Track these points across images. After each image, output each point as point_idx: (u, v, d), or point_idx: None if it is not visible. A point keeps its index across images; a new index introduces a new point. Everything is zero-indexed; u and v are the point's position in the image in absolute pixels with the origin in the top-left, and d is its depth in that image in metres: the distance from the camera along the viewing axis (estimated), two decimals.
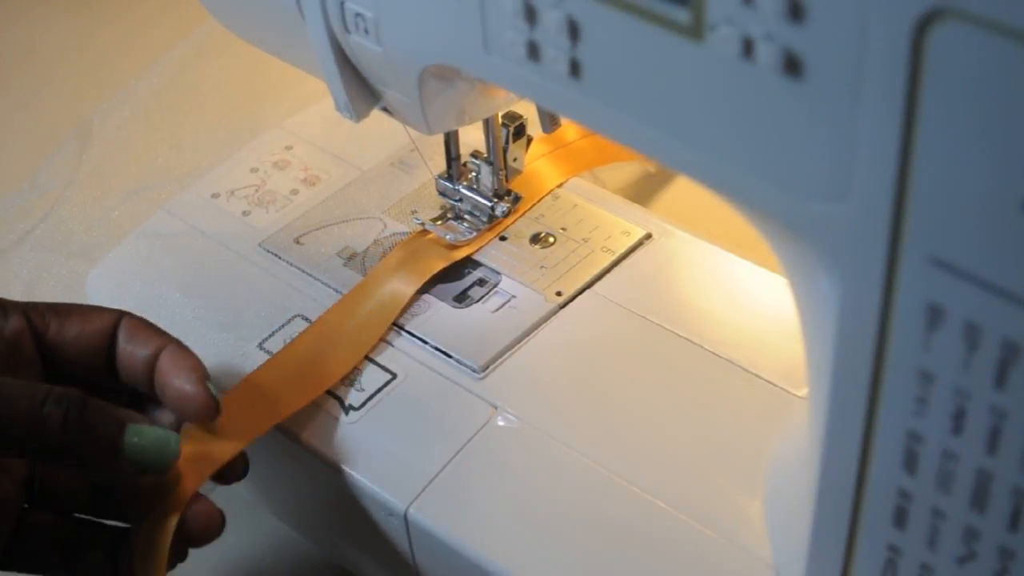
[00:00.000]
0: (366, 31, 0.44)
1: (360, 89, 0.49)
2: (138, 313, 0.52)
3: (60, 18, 0.99)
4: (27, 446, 0.45)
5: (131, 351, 0.51)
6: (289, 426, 0.53)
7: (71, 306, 0.52)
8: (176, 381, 0.50)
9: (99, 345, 0.51)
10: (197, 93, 0.88)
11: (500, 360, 0.54)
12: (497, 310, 0.56)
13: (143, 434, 0.46)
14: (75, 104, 0.88)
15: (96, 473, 0.49)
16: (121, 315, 0.52)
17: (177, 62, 0.91)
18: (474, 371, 0.53)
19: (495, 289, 0.57)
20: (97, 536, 0.51)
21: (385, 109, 0.50)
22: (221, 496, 0.64)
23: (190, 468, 0.49)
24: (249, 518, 0.62)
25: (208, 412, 0.50)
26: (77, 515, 0.51)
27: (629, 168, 0.73)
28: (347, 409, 0.53)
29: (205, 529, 0.50)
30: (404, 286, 0.57)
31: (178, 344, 0.51)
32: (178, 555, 0.49)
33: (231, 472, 0.51)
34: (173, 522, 0.48)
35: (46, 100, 0.91)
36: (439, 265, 0.57)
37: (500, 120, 0.57)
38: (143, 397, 0.52)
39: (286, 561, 0.62)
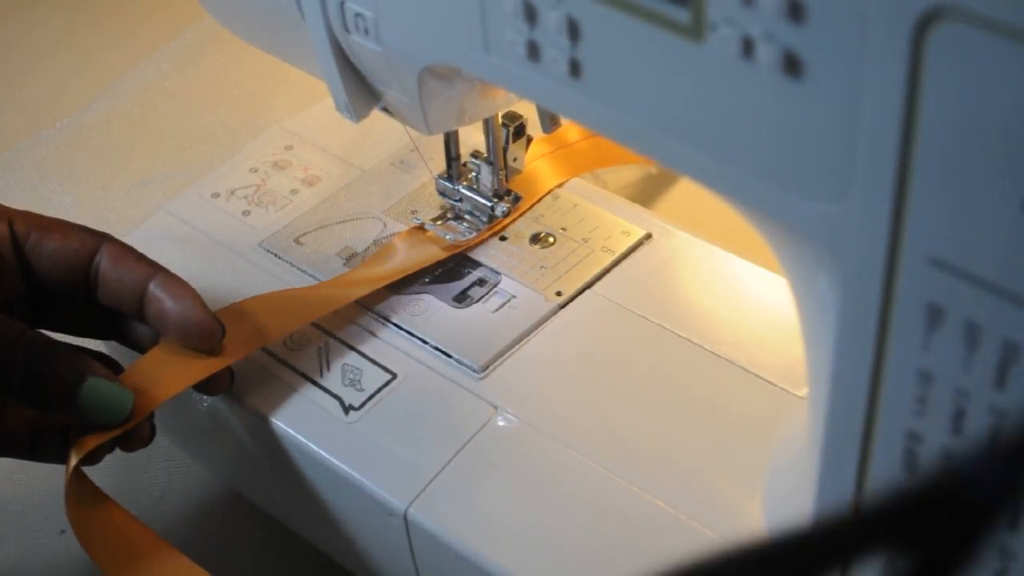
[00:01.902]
0: (366, 31, 0.44)
1: (360, 89, 0.49)
2: None
3: (53, 14, 0.99)
4: None
5: (118, 276, 0.52)
6: (289, 425, 0.53)
7: (54, 221, 0.53)
8: (175, 306, 0.51)
9: (77, 264, 0.52)
10: (197, 93, 0.88)
11: (500, 360, 0.54)
12: (497, 310, 0.56)
13: (100, 390, 0.49)
14: (74, 103, 0.88)
15: (53, 413, 0.51)
16: (102, 239, 0.53)
17: (176, 61, 0.91)
18: (474, 371, 0.53)
19: (495, 289, 0.57)
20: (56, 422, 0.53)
21: (385, 109, 0.50)
22: (220, 498, 0.64)
23: (168, 376, 0.51)
24: (249, 518, 0.62)
25: (214, 337, 0.52)
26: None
27: (630, 169, 0.73)
28: (347, 409, 0.53)
29: (139, 441, 0.52)
30: (400, 265, 0.57)
31: (166, 272, 0.52)
32: (103, 451, 0.51)
33: (215, 384, 0.53)
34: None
35: (45, 99, 0.91)
36: (438, 256, 0.58)
37: (500, 120, 0.57)
38: (119, 313, 0.53)
39: (286, 560, 0.62)
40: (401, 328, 0.56)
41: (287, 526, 0.61)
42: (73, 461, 0.49)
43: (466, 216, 0.60)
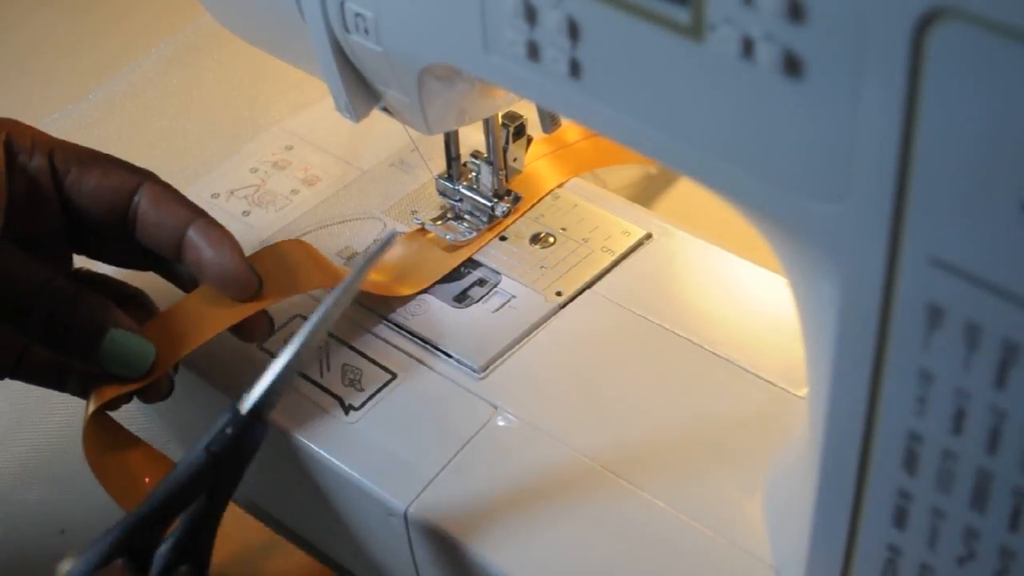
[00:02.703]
0: (366, 31, 0.44)
1: (360, 89, 0.49)
2: None
3: (47, 8, 0.99)
4: (15, 324, 0.47)
5: (157, 219, 0.51)
6: (289, 425, 0.53)
7: (96, 156, 0.53)
8: (214, 256, 0.51)
9: (116, 203, 0.51)
10: (196, 92, 0.88)
11: (500, 360, 0.54)
12: (497, 310, 0.56)
13: (122, 342, 0.48)
14: (68, 99, 0.88)
15: (74, 362, 0.51)
16: (143, 178, 0.52)
17: (173, 59, 0.91)
18: (474, 371, 0.53)
19: (495, 289, 0.57)
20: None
21: (385, 109, 0.50)
22: None
23: (195, 328, 0.51)
24: (249, 517, 0.62)
25: (250, 288, 0.51)
26: None
27: (630, 169, 0.73)
28: (347, 409, 0.53)
29: (157, 394, 0.52)
30: (402, 287, 0.57)
31: (207, 217, 0.52)
32: (120, 400, 0.51)
33: (255, 330, 0.53)
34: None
35: (38, 94, 0.90)
36: (440, 271, 0.58)
37: (500, 120, 0.57)
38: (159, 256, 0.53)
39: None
40: (401, 328, 0.56)
41: (287, 525, 0.61)
42: (91, 408, 0.49)
43: (466, 216, 0.60)
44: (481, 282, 0.58)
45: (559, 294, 0.56)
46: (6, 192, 0.50)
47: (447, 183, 0.60)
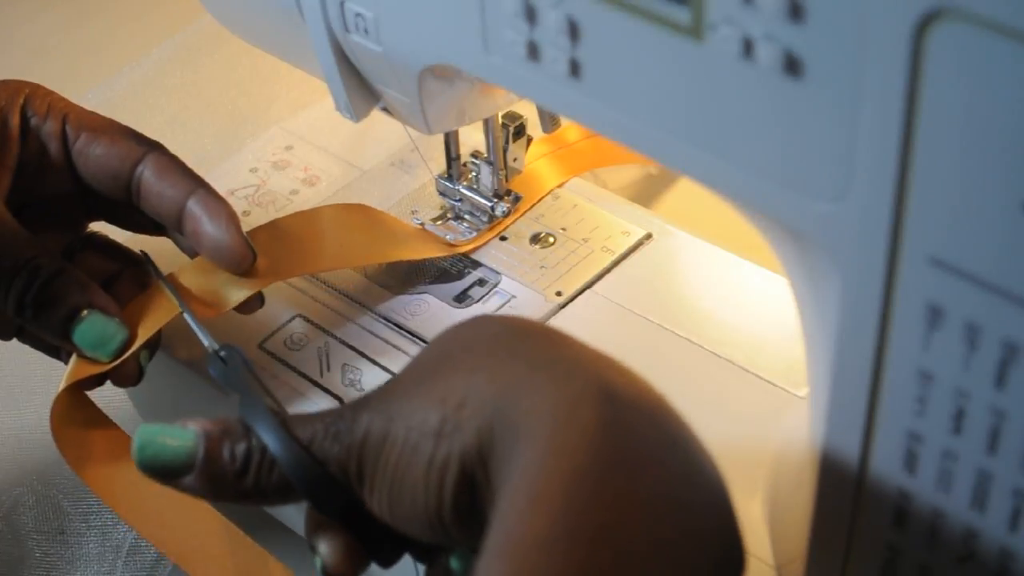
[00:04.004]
0: (366, 31, 0.44)
1: (360, 89, 0.49)
2: None
3: (49, 10, 0.99)
4: None
5: (159, 190, 0.52)
6: None
7: (106, 124, 0.54)
8: (210, 229, 0.51)
9: (121, 171, 0.52)
10: (197, 93, 0.88)
11: None
12: (497, 310, 0.56)
13: (94, 325, 0.49)
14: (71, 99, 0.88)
15: (49, 339, 0.51)
16: (149, 148, 0.53)
17: (173, 59, 0.91)
18: None
19: (495, 289, 0.57)
20: None
21: (385, 109, 0.50)
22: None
23: (199, 301, 0.51)
24: (248, 517, 0.62)
25: (245, 262, 0.52)
26: None
27: (630, 169, 0.73)
28: None
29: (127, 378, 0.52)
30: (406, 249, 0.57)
31: (208, 188, 0.52)
32: (91, 382, 0.51)
33: (246, 305, 0.53)
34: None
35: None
36: (439, 252, 0.58)
37: (500, 120, 0.57)
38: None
39: (285, 560, 0.62)
40: (401, 328, 0.56)
41: (287, 525, 0.61)
42: (61, 386, 0.50)
43: (466, 216, 0.60)
44: (481, 282, 0.58)
45: (559, 294, 0.56)
46: (16, 155, 0.51)
47: (447, 183, 0.60)
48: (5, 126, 0.52)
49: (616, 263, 0.58)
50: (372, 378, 0.54)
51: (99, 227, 0.57)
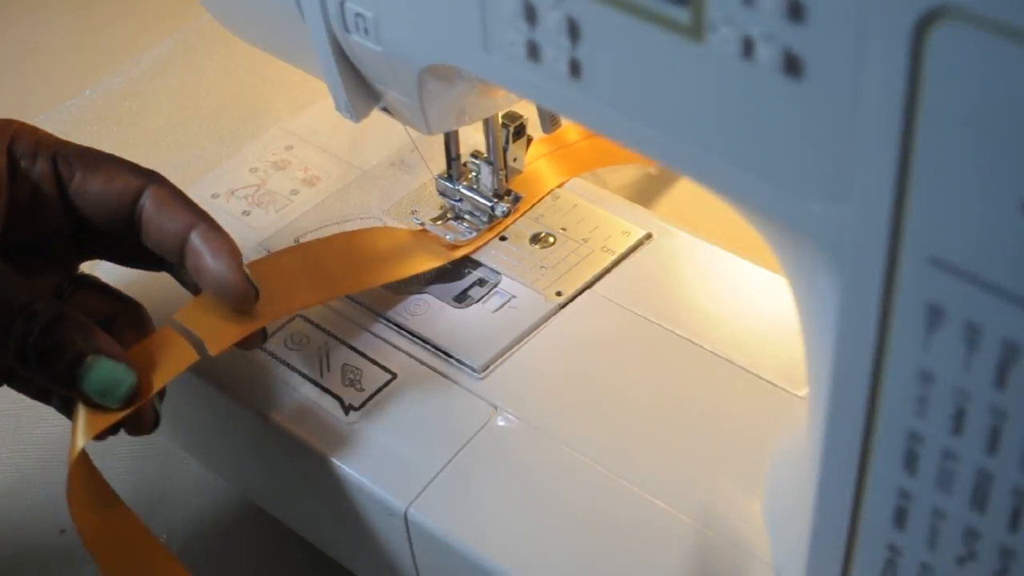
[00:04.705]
0: (366, 31, 0.44)
1: (360, 89, 0.49)
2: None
3: (48, 7, 0.99)
4: None
5: (160, 223, 0.50)
6: (289, 425, 0.53)
7: (100, 158, 0.51)
8: (213, 265, 0.50)
9: (122, 205, 0.50)
10: (196, 93, 0.88)
11: (500, 360, 0.54)
12: (497, 310, 0.56)
13: (101, 370, 0.47)
14: (69, 98, 0.88)
15: (52, 387, 0.50)
16: (148, 180, 0.51)
17: (173, 59, 0.91)
18: (474, 371, 0.53)
19: (495, 289, 0.57)
20: None
21: (385, 109, 0.50)
22: (220, 498, 0.64)
23: (208, 337, 0.50)
24: (248, 517, 0.62)
25: (248, 299, 0.50)
26: None
27: (630, 169, 0.73)
28: (347, 409, 0.53)
29: (142, 426, 0.50)
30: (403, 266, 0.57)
31: (210, 222, 0.51)
32: (106, 433, 0.49)
33: (248, 339, 0.52)
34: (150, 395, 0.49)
35: (35, 94, 0.91)
36: (438, 261, 0.58)
37: (500, 120, 0.57)
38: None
39: (285, 560, 0.62)
40: (401, 328, 0.56)
41: (287, 525, 0.61)
42: (80, 442, 0.47)
43: (466, 216, 0.60)
44: (481, 282, 0.58)
45: (559, 294, 0.56)
46: (6, 199, 0.49)
47: (447, 183, 0.60)
48: None
49: (616, 263, 0.58)
50: (372, 378, 0.54)
51: (88, 267, 0.56)
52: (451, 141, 0.58)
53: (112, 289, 0.54)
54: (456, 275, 0.58)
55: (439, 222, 0.60)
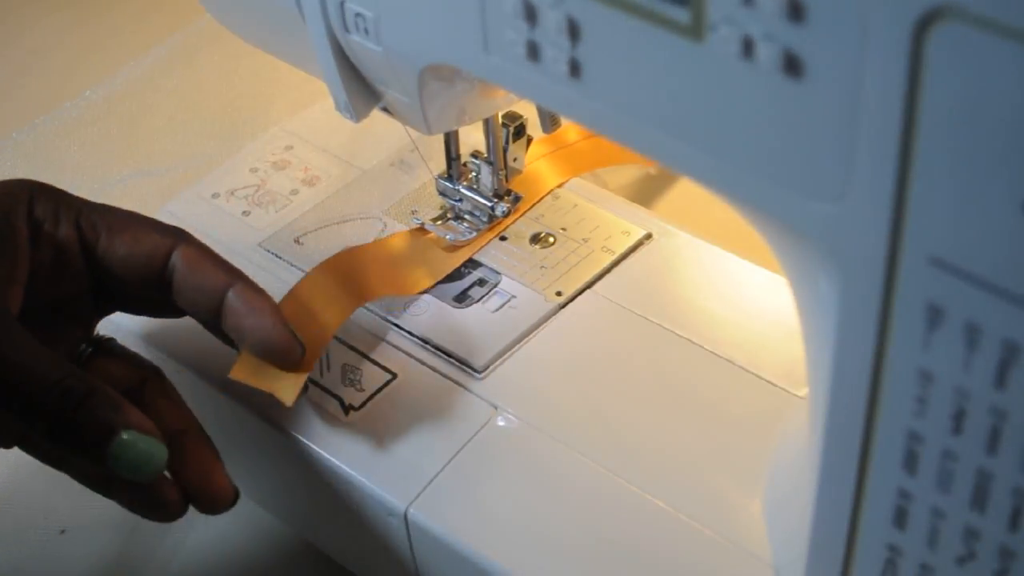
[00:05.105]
0: (366, 31, 0.44)
1: (360, 89, 0.49)
2: None
3: (49, 10, 0.99)
4: (21, 417, 0.45)
5: (194, 284, 0.50)
6: (289, 426, 0.53)
7: (127, 220, 0.51)
8: (256, 324, 0.49)
9: (151, 267, 0.50)
10: (197, 93, 0.88)
11: (500, 360, 0.54)
12: (497, 310, 0.56)
13: (132, 445, 0.46)
14: (69, 99, 0.88)
15: (81, 460, 0.49)
16: (176, 240, 0.50)
17: (173, 59, 0.91)
18: (474, 371, 0.53)
19: (495, 289, 0.57)
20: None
21: (385, 109, 0.50)
22: None
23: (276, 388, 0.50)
24: (248, 517, 0.62)
25: (294, 354, 0.50)
26: None
27: (630, 169, 0.73)
28: (347, 409, 0.53)
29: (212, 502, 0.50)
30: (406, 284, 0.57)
31: (246, 280, 0.50)
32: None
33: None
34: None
35: (41, 95, 0.90)
36: (443, 270, 0.58)
37: (500, 120, 0.57)
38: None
39: (285, 560, 0.62)
40: (401, 328, 0.56)
41: (287, 525, 0.61)
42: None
43: (466, 216, 0.60)
44: (481, 282, 0.58)
45: (559, 294, 0.56)
46: (27, 266, 0.48)
47: (447, 183, 0.60)
48: (12, 236, 0.48)
49: (616, 263, 0.58)
50: (372, 378, 0.54)
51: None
52: (451, 141, 0.58)
53: (136, 356, 0.53)
54: (456, 275, 0.58)
55: (439, 222, 0.60)
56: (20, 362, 0.45)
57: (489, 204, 0.59)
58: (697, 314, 0.55)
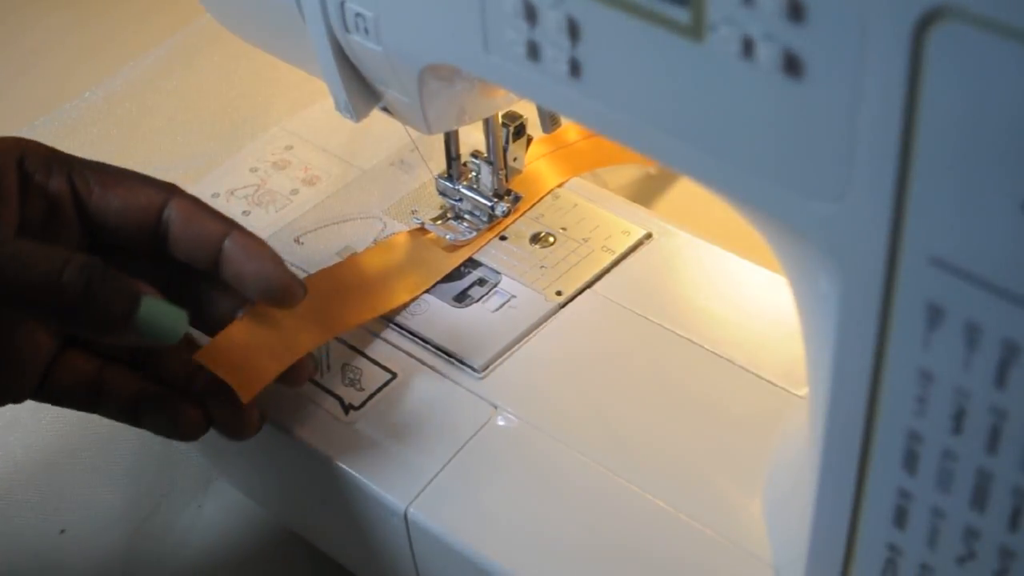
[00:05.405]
0: (366, 31, 0.44)
1: (360, 89, 0.49)
2: None
3: (49, 11, 0.99)
4: (42, 311, 0.45)
5: (191, 234, 0.50)
6: (289, 425, 0.53)
7: (120, 174, 0.51)
8: (254, 267, 0.49)
9: (145, 221, 0.50)
10: (197, 93, 0.88)
11: (500, 360, 0.54)
12: (497, 310, 0.56)
13: (155, 308, 0.46)
14: (69, 100, 0.88)
15: (105, 338, 0.48)
16: (170, 193, 0.51)
17: (173, 60, 0.91)
18: (474, 371, 0.53)
19: (495, 289, 0.57)
20: (125, 380, 0.51)
21: (385, 109, 0.50)
22: (219, 498, 0.64)
23: (268, 356, 0.50)
24: (248, 517, 0.62)
25: (296, 294, 0.50)
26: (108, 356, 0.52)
27: (630, 169, 0.73)
28: (347, 409, 0.53)
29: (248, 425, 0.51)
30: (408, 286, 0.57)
31: (242, 229, 0.50)
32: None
33: (299, 374, 0.52)
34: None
35: (41, 95, 0.90)
36: (443, 270, 0.58)
37: (500, 120, 0.57)
38: (190, 272, 0.51)
39: (285, 560, 0.62)
40: (401, 328, 0.56)
41: (287, 525, 0.61)
42: None
43: (466, 216, 0.60)
44: (481, 282, 0.58)
45: (559, 294, 0.56)
46: (16, 209, 0.48)
47: (447, 183, 0.60)
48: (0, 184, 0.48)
49: (616, 263, 0.58)
50: (372, 378, 0.54)
51: None
52: (451, 141, 0.58)
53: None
54: (456, 275, 0.58)
55: (439, 222, 0.60)
56: (26, 252, 0.45)
57: (489, 204, 0.59)
58: (697, 314, 0.55)
